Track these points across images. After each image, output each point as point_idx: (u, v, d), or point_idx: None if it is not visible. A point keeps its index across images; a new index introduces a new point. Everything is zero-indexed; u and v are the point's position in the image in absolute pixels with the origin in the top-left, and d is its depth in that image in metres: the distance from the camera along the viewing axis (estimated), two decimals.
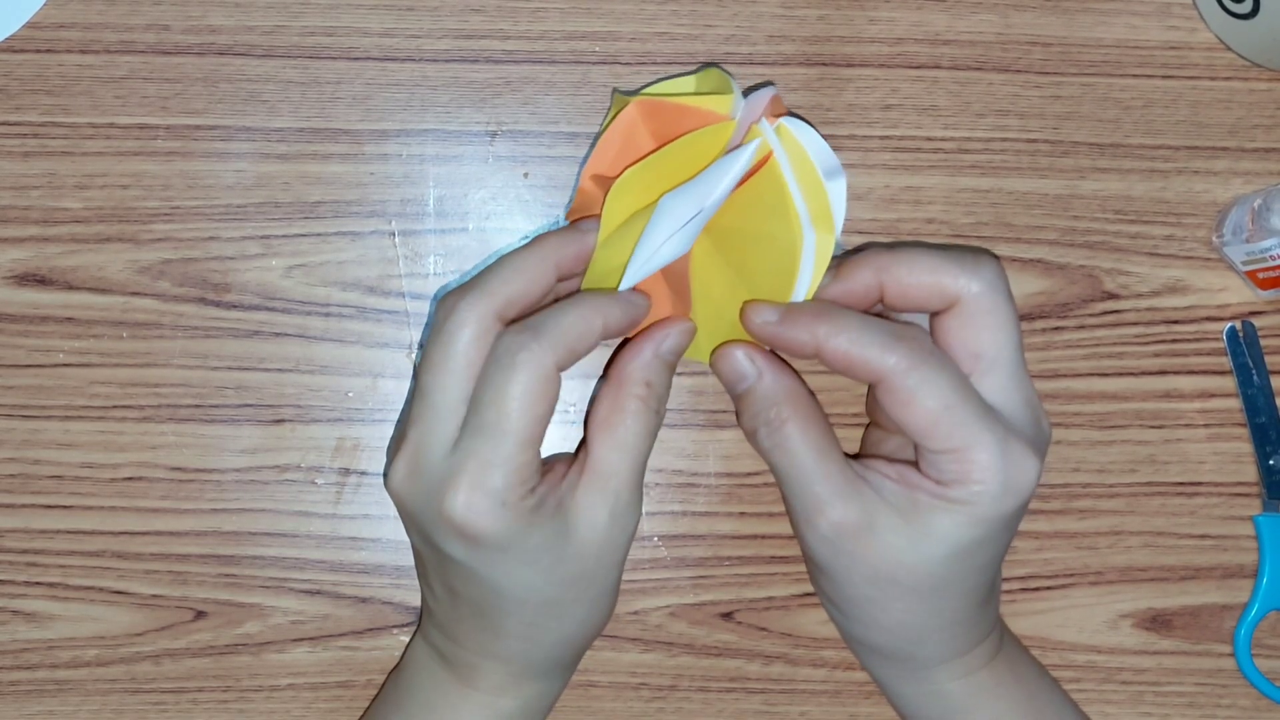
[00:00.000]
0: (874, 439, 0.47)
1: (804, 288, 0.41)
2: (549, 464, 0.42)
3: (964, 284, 0.41)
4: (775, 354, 0.43)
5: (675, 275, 0.44)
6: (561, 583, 0.41)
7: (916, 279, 0.41)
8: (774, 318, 0.41)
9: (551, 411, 0.39)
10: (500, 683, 0.44)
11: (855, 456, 0.44)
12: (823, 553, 0.42)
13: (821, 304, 0.41)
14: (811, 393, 0.43)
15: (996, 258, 0.41)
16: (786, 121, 0.42)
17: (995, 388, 0.41)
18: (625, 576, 0.48)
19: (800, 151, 0.42)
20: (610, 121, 0.43)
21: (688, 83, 0.45)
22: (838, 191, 0.42)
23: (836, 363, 0.40)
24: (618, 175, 0.41)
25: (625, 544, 0.43)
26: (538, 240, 0.41)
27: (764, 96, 0.43)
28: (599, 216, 0.42)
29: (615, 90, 0.49)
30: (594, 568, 0.42)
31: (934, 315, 0.42)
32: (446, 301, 0.40)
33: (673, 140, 0.42)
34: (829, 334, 0.40)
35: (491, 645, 0.43)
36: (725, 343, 0.43)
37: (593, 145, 0.47)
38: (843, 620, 0.45)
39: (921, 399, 0.39)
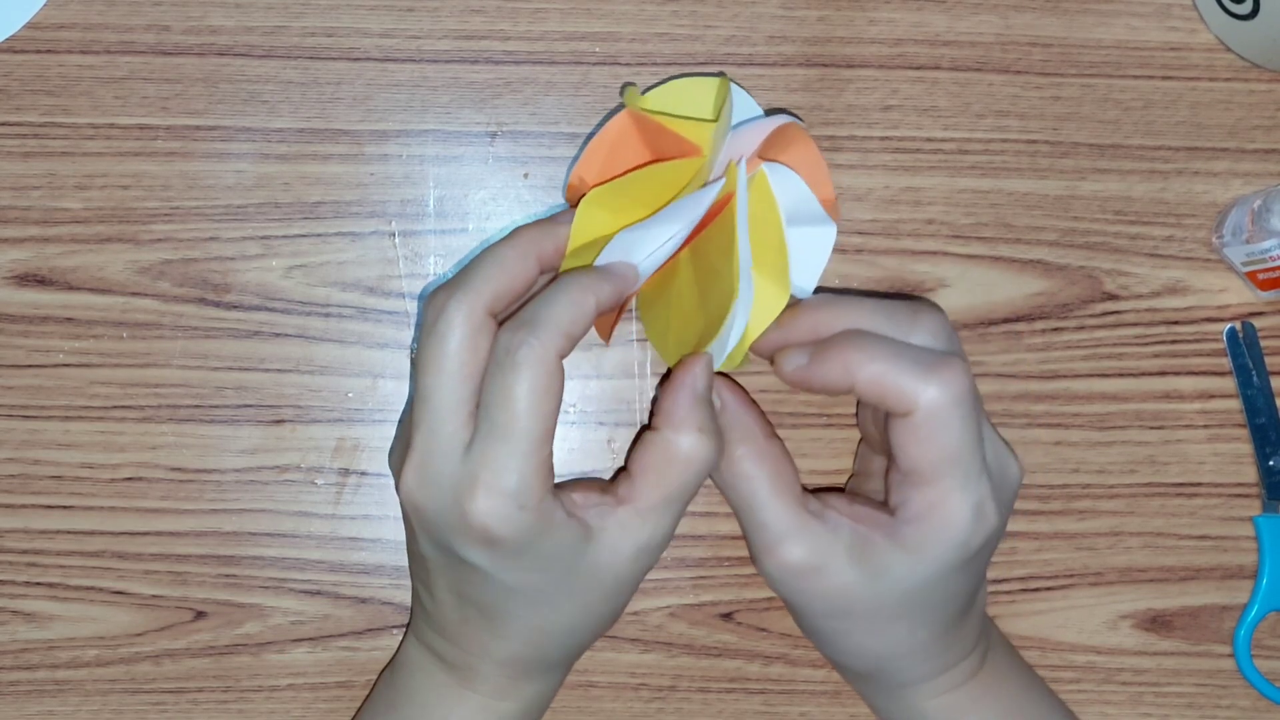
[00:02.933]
0: (863, 453, 0.48)
1: (734, 335, 0.41)
2: (578, 484, 0.42)
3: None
4: (740, 388, 0.44)
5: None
6: (570, 593, 0.41)
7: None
8: (804, 360, 0.41)
9: (559, 404, 0.39)
10: (500, 685, 0.44)
11: (821, 489, 0.45)
12: (778, 588, 0.43)
13: (853, 333, 0.41)
14: (773, 430, 0.43)
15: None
16: (768, 168, 0.42)
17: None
18: None
19: (769, 201, 0.42)
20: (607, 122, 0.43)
21: (706, 86, 0.44)
22: (819, 242, 0.42)
23: (870, 394, 0.40)
24: (601, 178, 0.42)
25: (643, 574, 0.43)
26: (516, 234, 0.41)
27: (762, 128, 0.43)
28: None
29: (628, 84, 0.48)
30: (610, 590, 0.42)
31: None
32: (435, 301, 0.40)
33: (650, 161, 0.42)
34: (860, 363, 0.40)
35: (493, 648, 0.43)
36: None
37: (585, 142, 0.47)
38: (812, 641, 0.46)
39: (939, 440, 0.39)
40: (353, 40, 0.49)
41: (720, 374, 0.44)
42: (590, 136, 0.48)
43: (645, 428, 0.42)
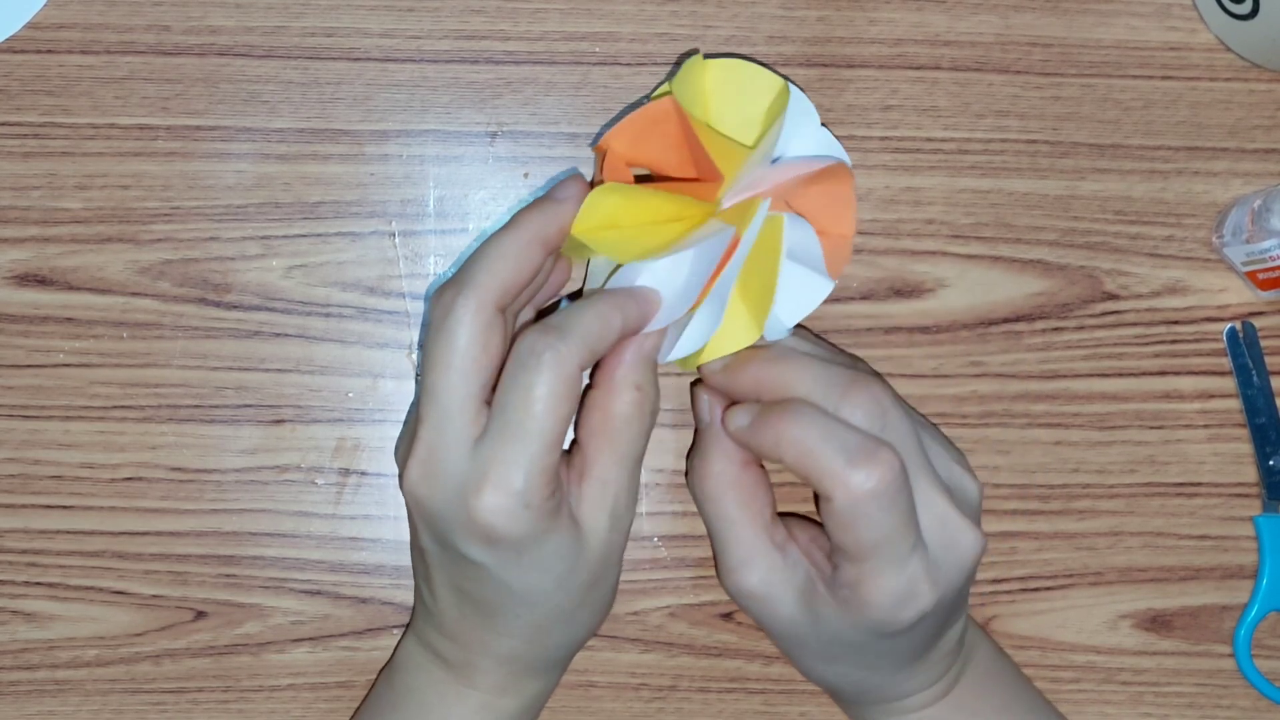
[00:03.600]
0: None
1: (685, 345, 0.42)
2: None
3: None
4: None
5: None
6: (570, 588, 0.42)
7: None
8: (746, 423, 0.42)
9: (574, 411, 0.40)
10: (500, 682, 0.44)
11: (797, 515, 0.45)
12: (737, 603, 0.44)
13: (794, 404, 0.40)
14: (755, 454, 0.43)
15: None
16: (788, 219, 0.42)
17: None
18: (625, 576, 0.48)
19: (774, 248, 0.42)
20: (660, 94, 0.44)
21: (768, 85, 0.44)
22: (812, 289, 0.43)
23: (797, 472, 0.40)
24: (628, 150, 0.43)
25: (624, 544, 0.43)
26: (517, 220, 0.41)
27: (803, 167, 0.43)
28: (579, 181, 0.42)
29: (695, 51, 0.48)
30: (600, 572, 0.42)
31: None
32: (442, 298, 0.40)
33: (680, 176, 0.43)
34: (790, 440, 0.39)
35: (494, 645, 0.43)
36: (696, 382, 0.45)
37: (624, 112, 0.48)
38: None
39: (858, 529, 0.39)
40: (353, 40, 0.49)
41: (711, 390, 0.44)
42: (612, 122, 0.48)
43: (588, 388, 0.43)
